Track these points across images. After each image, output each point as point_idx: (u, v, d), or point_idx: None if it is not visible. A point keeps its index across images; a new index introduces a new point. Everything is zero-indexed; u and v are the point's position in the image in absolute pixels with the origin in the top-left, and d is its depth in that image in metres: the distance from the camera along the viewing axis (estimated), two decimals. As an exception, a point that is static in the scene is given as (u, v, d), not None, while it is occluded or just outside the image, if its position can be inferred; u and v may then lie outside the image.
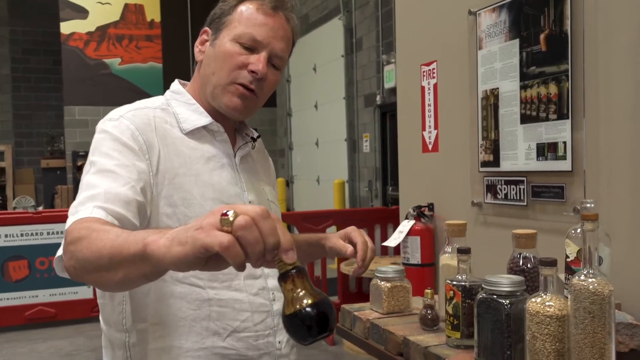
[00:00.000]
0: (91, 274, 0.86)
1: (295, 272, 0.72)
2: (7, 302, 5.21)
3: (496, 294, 1.19)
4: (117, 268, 0.80)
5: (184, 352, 1.10)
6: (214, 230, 0.67)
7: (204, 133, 1.20)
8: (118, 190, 1.01)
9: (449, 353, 1.30)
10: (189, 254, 0.69)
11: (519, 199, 1.83)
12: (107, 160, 1.05)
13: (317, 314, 0.71)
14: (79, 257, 0.87)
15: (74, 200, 1.01)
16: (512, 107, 1.83)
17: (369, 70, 7.35)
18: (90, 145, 1.11)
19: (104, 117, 1.14)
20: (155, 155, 1.11)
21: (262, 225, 0.68)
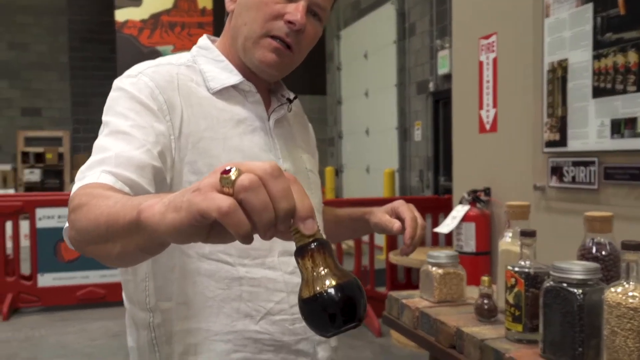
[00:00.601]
0: (90, 245, 0.75)
1: (315, 246, 0.58)
2: (60, 282, 5.30)
3: (567, 282, 1.04)
4: (114, 239, 0.69)
5: (212, 335, 1.00)
6: (213, 193, 0.54)
7: (234, 93, 1.07)
8: (131, 154, 0.89)
9: (508, 347, 1.16)
10: (184, 222, 0.56)
11: (588, 181, 1.66)
12: (122, 120, 0.94)
13: (343, 299, 0.56)
14: (78, 227, 0.76)
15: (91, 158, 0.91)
16: (582, 80, 1.66)
17: (421, 56, 7.13)
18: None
19: (122, 74, 1.03)
20: (178, 116, 0.99)
21: (272, 186, 0.55)
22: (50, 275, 5.28)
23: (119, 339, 4.46)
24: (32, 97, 11.95)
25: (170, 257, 0.99)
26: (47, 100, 12.05)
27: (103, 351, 4.23)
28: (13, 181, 11.46)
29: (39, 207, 5.25)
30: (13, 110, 11.82)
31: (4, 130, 11.72)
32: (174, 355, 1.01)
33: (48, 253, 5.28)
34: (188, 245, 0.98)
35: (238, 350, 1.00)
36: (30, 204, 5.26)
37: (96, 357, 4.12)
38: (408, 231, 1.11)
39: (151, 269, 1.01)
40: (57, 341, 4.48)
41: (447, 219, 2.16)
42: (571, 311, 1.03)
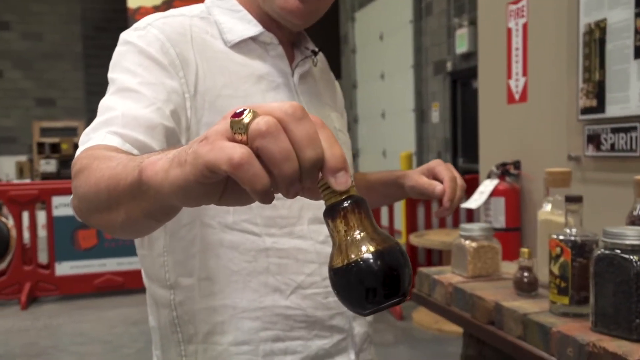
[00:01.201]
0: (93, 214, 0.66)
1: (349, 204, 0.47)
2: (77, 270, 5.29)
3: (621, 248, 0.95)
4: (118, 205, 0.60)
5: (239, 312, 0.92)
6: (222, 141, 0.45)
7: (254, 46, 0.98)
8: (139, 113, 0.81)
9: (554, 321, 1.07)
10: (189, 179, 0.46)
11: (630, 149, 1.56)
12: (129, 77, 0.85)
13: (383, 268, 0.46)
14: (79, 194, 0.67)
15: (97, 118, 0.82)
16: (623, 40, 1.55)
17: (439, 36, 6.99)
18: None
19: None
20: (192, 72, 0.90)
21: (295, 131, 0.45)
22: (67, 263, 5.27)
23: (138, 326, 4.43)
24: (46, 88, 11.96)
25: (189, 229, 0.92)
26: (62, 90, 12.06)
27: (122, 338, 4.20)
28: (29, 172, 11.51)
29: (55, 195, 5.23)
30: (28, 101, 11.85)
31: (19, 121, 11.76)
32: (198, 335, 0.93)
33: (65, 241, 5.26)
34: (209, 215, 0.90)
35: (267, 328, 0.92)
36: (46, 192, 5.24)
37: (115, 344, 4.10)
38: (447, 192, 1.02)
39: (169, 243, 0.93)
40: (75, 329, 4.47)
41: (475, 194, 2.06)
42: (627, 280, 0.94)
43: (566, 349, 1.00)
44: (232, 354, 0.92)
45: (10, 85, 11.74)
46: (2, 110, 11.71)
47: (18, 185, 5.73)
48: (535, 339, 1.09)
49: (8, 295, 5.12)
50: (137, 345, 4.04)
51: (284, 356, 0.93)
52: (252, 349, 0.92)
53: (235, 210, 0.90)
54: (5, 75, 11.68)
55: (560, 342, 1.02)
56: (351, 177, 0.47)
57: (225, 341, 0.92)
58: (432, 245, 4.13)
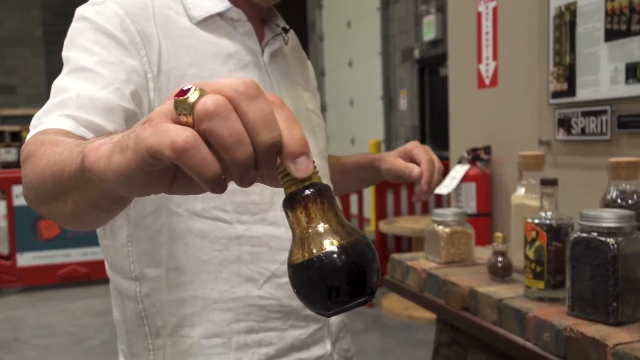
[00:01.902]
0: (41, 204, 0.61)
1: (311, 193, 0.42)
2: (40, 261, 5.16)
3: (598, 231, 0.94)
4: (64, 194, 0.54)
5: (210, 303, 0.87)
6: (166, 123, 0.40)
7: (221, 23, 0.93)
8: (96, 94, 0.75)
9: (530, 306, 1.06)
10: (131, 166, 0.41)
11: (600, 132, 1.55)
12: (85, 55, 0.79)
13: (347, 265, 0.40)
14: (27, 182, 0.62)
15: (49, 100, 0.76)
16: (593, 23, 1.54)
17: (406, 23, 6.98)
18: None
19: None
20: (155, 50, 0.84)
21: (248, 110, 0.39)
22: (29, 254, 5.14)
23: (103, 317, 4.35)
24: (6, 75, 11.63)
25: (155, 217, 0.86)
26: (22, 78, 11.74)
27: (87, 330, 4.12)
28: (-11, 161, 11.22)
29: (15, 184, 5.08)
30: (-14, 88, 11.52)
31: (-23, 109, 11.43)
32: (166, 328, 0.88)
33: (27, 231, 5.12)
34: (176, 202, 0.85)
35: (241, 320, 0.88)
36: (7, 181, 5.09)
37: (80, 336, 4.01)
38: (425, 175, 0.99)
39: (133, 232, 0.88)
40: (38, 321, 4.36)
41: (446, 179, 2.05)
42: (604, 263, 0.92)
43: (543, 334, 0.98)
44: (203, 347, 0.88)
45: (-32, 72, 11.40)
46: (-40, 98, 11.37)
47: (-24, 175, 5.55)
48: (510, 324, 1.07)
49: (-33, 288, 4.98)
50: (102, 336, 3.96)
51: (258, 348, 0.89)
52: (224, 341, 0.88)
53: (204, 196, 0.86)
54: (-37, 62, 11.33)
55: (537, 327, 1.00)
56: (313, 162, 0.42)
57: (196, 334, 0.88)
58: (401, 232, 4.14)
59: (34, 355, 3.68)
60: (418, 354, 3.47)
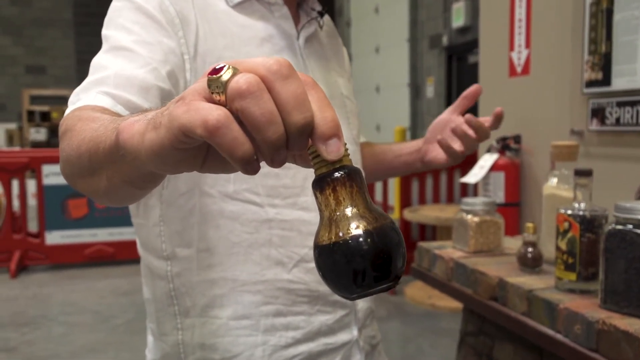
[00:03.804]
0: (77, 178, 0.61)
1: (341, 176, 0.42)
2: (68, 240, 5.25)
3: (633, 223, 0.92)
4: (100, 170, 0.55)
5: (239, 285, 0.88)
6: (199, 101, 0.40)
7: (257, 6, 0.93)
8: (133, 73, 0.76)
9: (561, 298, 1.04)
10: (164, 143, 0.41)
11: (635, 123, 1.52)
12: (124, 34, 0.80)
13: (373, 249, 0.41)
14: (64, 157, 0.63)
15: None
16: (632, 11, 1.50)
17: (435, 9, 6.89)
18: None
19: None
20: (192, 32, 0.85)
21: (281, 90, 0.39)
22: (58, 232, 5.23)
23: (128, 297, 4.42)
24: (36, 55, 11.78)
25: (188, 198, 0.87)
26: (52, 58, 11.89)
27: (112, 309, 4.19)
28: (19, 140, 11.39)
29: (45, 163, 5.16)
30: (17, 68, 11.67)
31: (8, 88, 11.60)
32: (195, 308, 0.89)
33: (55, 210, 5.21)
34: (209, 184, 0.86)
35: (269, 302, 0.89)
36: (37, 161, 5.17)
37: (105, 314, 4.08)
38: (482, 119, 1.04)
39: (166, 212, 0.89)
40: (65, 299, 4.45)
41: (474, 168, 2.02)
42: (638, 256, 0.91)
43: (574, 326, 0.97)
44: (231, 328, 0.89)
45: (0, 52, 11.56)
46: (-9, 77, 11.56)
47: (7, 153, 5.65)
48: (540, 315, 1.06)
49: (-3, 264, 5.09)
50: (127, 316, 4.02)
51: (285, 331, 0.90)
52: (252, 323, 0.89)
53: (236, 179, 0.86)
54: (-6, 42, 11.50)
55: (568, 319, 0.99)
56: (345, 145, 0.42)
57: (224, 315, 0.89)
58: (426, 220, 4.11)
59: (61, 332, 3.76)
60: (440, 342, 3.47)
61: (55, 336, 3.69)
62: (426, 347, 3.44)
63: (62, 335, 3.71)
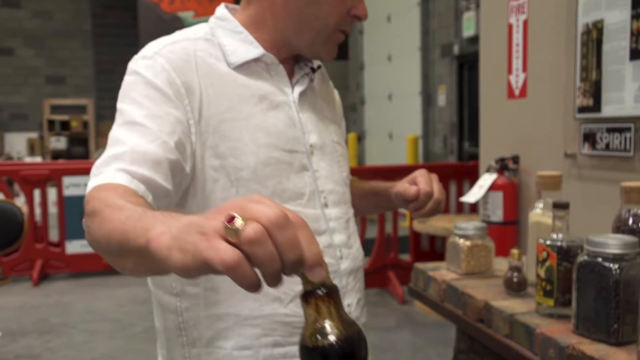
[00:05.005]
0: (106, 255, 0.74)
1: (321, 293, 0.57)
2: (88, 249, 5.36)
3: (602, 256, 1.00)
4: (128, 256, 0.67)
5: (241, 319, 0.97)
6: (218, 240, 0.52)
7: (256, 67, 1.01)
8: (145, 148, 0.86)
9: (539, 322, 1.12)
10: (189, 267, 0.55)
11: (623, 148, 1.59)
12: (137, 109, 0.90)
13: (342, 352, 0.56)
14: (92, 235, 0.75)
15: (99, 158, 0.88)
16: (619, 42, 1.58)
17: (446, 19, 6.96)
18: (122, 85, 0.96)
19: (136, 55, 0.98)
20: (197, 98, 0.94)
21: (279, 237, 0.52)
22: (78, 242, 5.36)
23: (146, 306, 4.52)
24: (56, 66, 12.02)
25: None
26: (72, 68, 12.11)
27: (131, 316, 4.30)
28: (40, 149, 11.62)
29: (66, 175, 5.31)
30: (38, 79, 11.92)
31: (30, 98, 11.85)
32: (202, 339, 0.99)
33: (76, 220, 5.34)
34: None
35: (268, 334, 0.98)
36: (57, 173, 5.33)
37: (124, 322, 4.19)
38: (414, 203, 1.08)
39: None
40: (85, 307, 4.57)
41: (474, 187, 2.10)
42: (606, 287, 0.98)
43: (548, 350, 1.05)
44: (234, 357, 0.98)
45: (22, 63, 11.80)
46: (14, 88, 11.79)
47: (30, 165, 5.81)
48: (521, 338, 1.14)
49: (20, 272, 5.23)
50: (145, 324, 4.13)
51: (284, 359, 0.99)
52: (253, 353, 0.98)
53: None
54: (17, 53, 11.74)
55: (544, 343, 1.07)
56: (326, 269, 0.55)
57: (228, 346, 0.98)
58: (435, 231, 4.18)
59: (82, 339, 3.88)
60: (448, 352, 3.52)
61: (76, 343, 3.82)
62: (435, 357, 3.51)
63: (83, 342, 3.83)
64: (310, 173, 1.01)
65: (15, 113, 11.79)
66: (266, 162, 0.95)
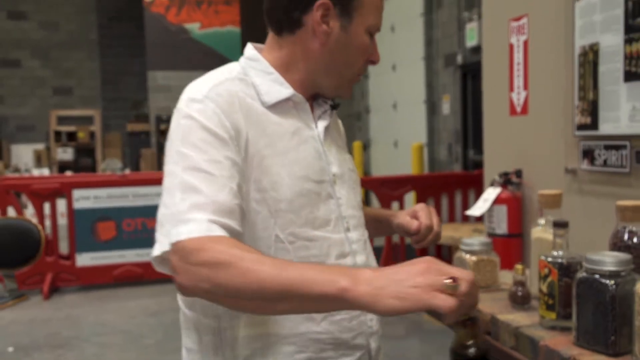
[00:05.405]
0: (231, 299, 0.88)
1: (471, 321, 0.96)
2: (98, 261, 5.45)
3: (599, 273, 1.07)
4: (287, 301, 0.85)
5: (279, 338, 1.05)
6: (436, 293, 0.78)
7: (286, 106, 1.11)
8: (221, 199, 0.95)
9: (543, 335, 1.20)
10: (407, 308, 0.79)
11: (620, 165, 1.67)
12: (199, 154, 0.97)
13: None
14: (222, 283, 0.86)
15: (168, 197, 0.95)
16: (614, 64, 1.65)
17: (449, 29, 7.05)
18: (173, 127, 1.03)
19: (184, 96, 1.05)
20: (243, 138, 1.03)
21: (472, 290, 0.81)
22: (88, 254, 5.43)
23: (157, 317, 4.57)
24: (63, 77, 12.12)
25: None
26: (78, 79, 12.21)
27: (142, 328, 4.34)
28: (47, 160, 11.71)
29: (75, 188, 5.39)
30: (45, 90, 12.02)
31: (37, 109, 11.95)
32: (238, 357, 1.06)
33: (85, 233, 5.42)
34: None
35: (302, 351, 1.05)
36: (67, 186, 5.40)
37: (135, 334, 4.23)
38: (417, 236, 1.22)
39: None
40: (96, 319, 4.60)
41: (479, 201, 2.18)
42: (604, 302, 1.06)
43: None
44: None
45: (28, 74, 11.91)
46: (20, 99, 11.90)
47: (39, 179, 5.90)
48: (526, 350, 1.21)
49: (30, 286, 5.27)
50: (157, 336, 4.18)
51: None
52: None
53: (276, 252, 1.04)
54: (24, 64, 11.85)
55: (547, 354, 1.14)
56: None
57: None
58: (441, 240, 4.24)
59: (93, 352, 3.93)
60: (456, 359, 3.59)
61: (88, 356, 3.86)
62: (443, 364, 3.57)
63: (95, 355, 3.88)
64: (335, 201, 1.11)
65: (22, 124, 11.90)
66: (300, 193, 1.04)
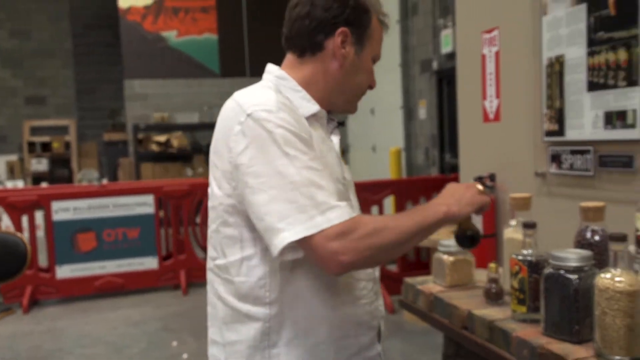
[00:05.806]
0: (387, 252, 1.11)
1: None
2: (78, 273, 5.38)
3: (564, 269, 1.17)
4: (419, 235, 1.11)
5: (318, 320, 1.18)
6: (481, 195, 1.17)
7: (311, 119, 1.23)
8: (335, 188, 1.13)
9: (514, 327, 1.30)
10: (476, 209, 1.16)
11: (585, 169, 1.78)
12: (303, 155, 1.11)
13: (477, 237, 1.25)
14: (383, 244, 1.08)
15: (290, 193, 1.08)
16: (578, 74, 1.77)
17: (424, 36, 7.19)
18: (255, 134, 1.12)
19: (249, 108, 1.15)
20: None
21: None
22: (68, 266, 5.33)
23: (139, 327, 4.53)
24: (36, 86, 11.91)
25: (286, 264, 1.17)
26: (52, 89, 12.01)
27: (125, 339, 4.29)
28: (20, 172, 11.53)
29: (54, 200, 5.34)
30: (17, 100, 11.79)
31: (9, 120, 11.72)
32: (282, 339, 1.18)
33: (65, 245, 5.34)
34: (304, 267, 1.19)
35: (335, 331, 1.19)
36: (46, 198, 5.30)
37: (119, 345, 4.17)
38: None
39: (270, 269, 1.17)
40: (79, 331, 4.51)
41: (455, 204, 2.28)
42: (568, 295, 1.16)
43: (523, 350, 1.22)
44: (311, 352, 1.18)
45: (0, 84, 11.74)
46: (-9, 110, 11.70)
47: (17, 191, 5.83)
48: (499, 342, 1.31)
49: (10, 299, 5.17)
50: (140, 345, 4.15)
51: (347, 349, 1.21)
52: (326, 347, 1.19)
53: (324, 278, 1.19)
54: (-6, 74, 11.67)
55: (519, 344, 1.24)
56: None
57: (307, 343, 1.18)
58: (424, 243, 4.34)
59: (79, 364, 3.91)
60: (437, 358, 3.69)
61: (73, 368, 3.84)
62: (424, 363, 3.66)
63: (80, 367, 3.86)
64: (350, 203, 1.21)
65: (-6, 135, 11.71)
66: (337, 191, 1.15)
